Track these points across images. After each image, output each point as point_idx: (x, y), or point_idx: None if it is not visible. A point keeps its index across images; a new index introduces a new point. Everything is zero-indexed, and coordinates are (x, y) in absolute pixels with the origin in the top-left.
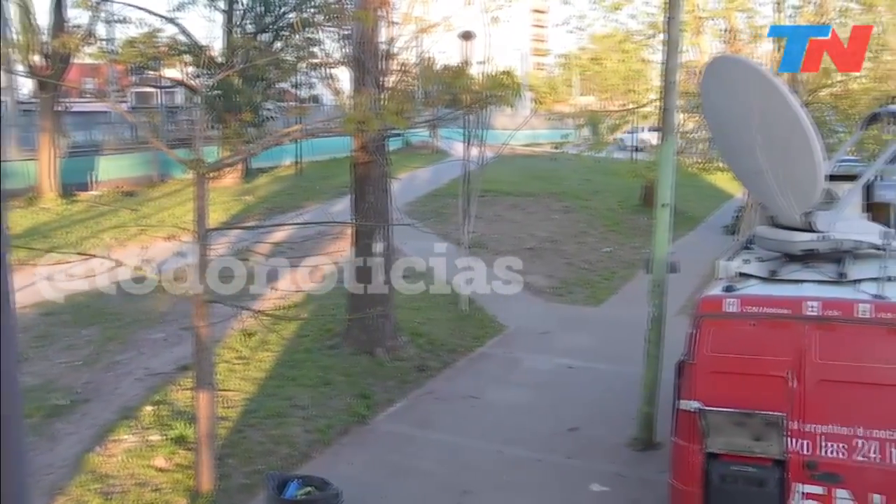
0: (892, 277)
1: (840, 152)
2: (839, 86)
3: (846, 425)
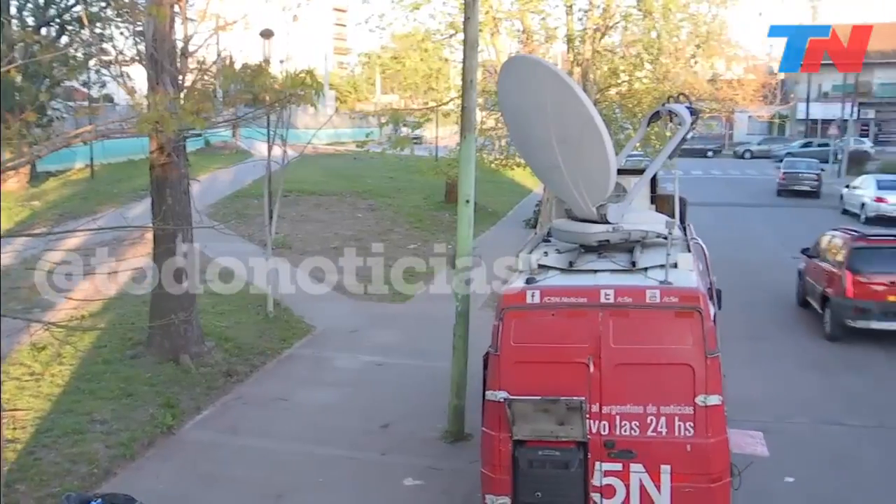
0: (676, 264)
1: (628, 147)
2: (625, 85)
3: (639, 404)
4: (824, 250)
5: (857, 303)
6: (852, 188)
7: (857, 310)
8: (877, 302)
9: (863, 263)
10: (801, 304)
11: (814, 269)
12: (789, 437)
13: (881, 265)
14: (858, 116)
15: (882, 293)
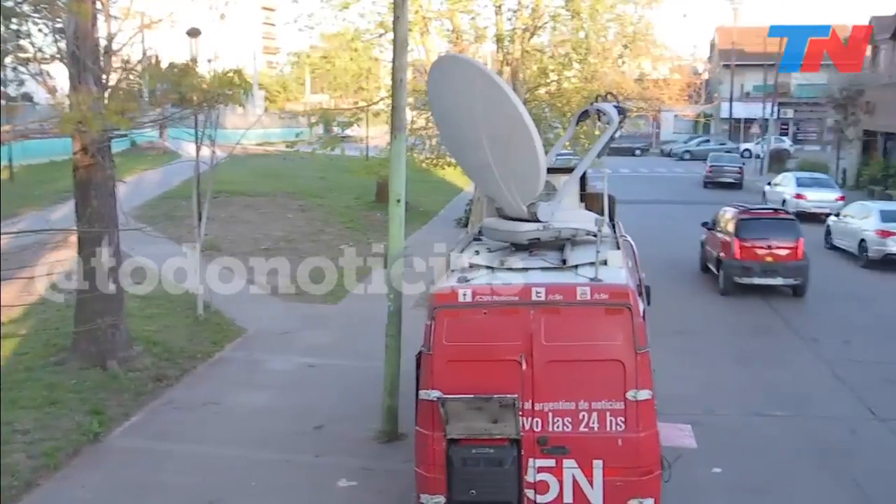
0: (606, 261)
1: (557, 146)
2: (554, 85)
3: (571, 400)
4: (719, 223)
5: (743, 263)
6: (774, 185)
7: (743, 269)
8: (758, 262)
9: (747, 232)
10: (702, 269)
11: (711, 239)
12: (716, 429)
13: (761, 233)
14: (778, 116)
15: (761, 255)
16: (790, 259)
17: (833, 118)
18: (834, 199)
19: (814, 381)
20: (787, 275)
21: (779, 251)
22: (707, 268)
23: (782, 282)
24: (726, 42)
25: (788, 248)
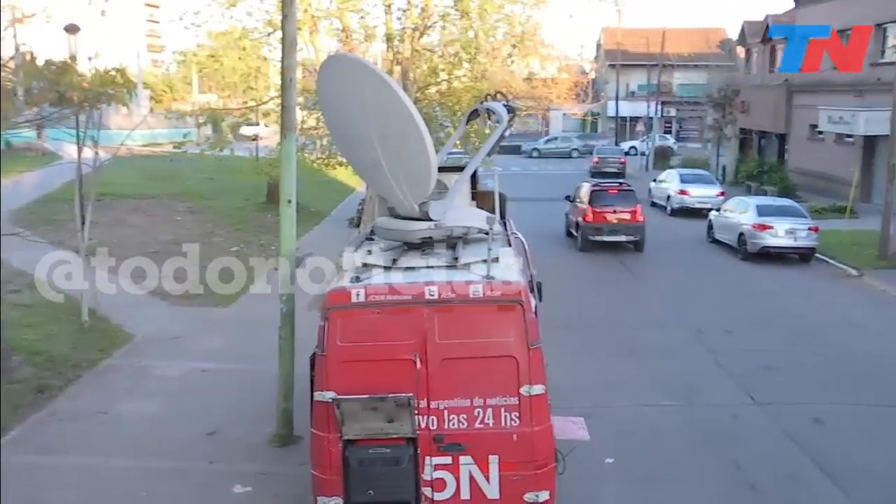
0: (497, 259)
1: (448, 145)
2: (444, 84)
3: (466, 398)
4: (578, 196)
5: (594, 225)
6: (659, 182)
7: (595, 229)
8: (606, 224)
9: (598, 201)
10: (567, 234)
11: (572, 209)
12: (608, 420)
13: (608, 202)
14: (662, 115)
15: (607, 218)
16: (630, 221)
17: (712, 117)
18: (715, 194)
19: (699, 371)
20: (628, 233)
21: (622, 215)
22: (570, 233)
23: (624, 238)
24: (611, 42)
25: (629, 212)
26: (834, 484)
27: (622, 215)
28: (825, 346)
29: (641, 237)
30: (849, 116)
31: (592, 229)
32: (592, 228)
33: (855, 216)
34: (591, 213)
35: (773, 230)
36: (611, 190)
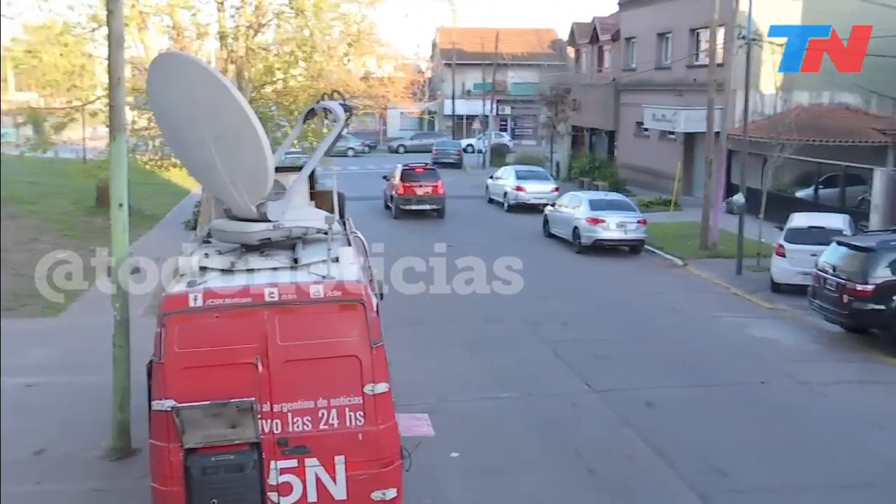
0: (338, 258)
1: (285, 145)
2: (281, 83)
3: (310, 399)
4: (393, 175)
5: (405, 197)
6: (496, 179)
7: (405, 200)
8: (413, 196)
9: (407, 178)
10: (385, 207)
11: (388, 185)
12: (452, 414)
13: (415, 179)
14: (498, 113)
15: (416, 192)
16: (433, 194)
17: (546, 115)
18: (550, 190)
19: (537, 362)
20: (431, 203)
21: (426, 189)
22: (387, 205)
23: (429, 207)
24: (447, 42)
25: (432, 187)
26: (665, 462)
27: (427, 189)
28: (654, 332)
29: (442, 206)
30: (671, 115)
31: (403, 200)
32: (403, 199)
33: (679, 209)
34: (402, 187)
35: (605, 224)
36: (417, 169)
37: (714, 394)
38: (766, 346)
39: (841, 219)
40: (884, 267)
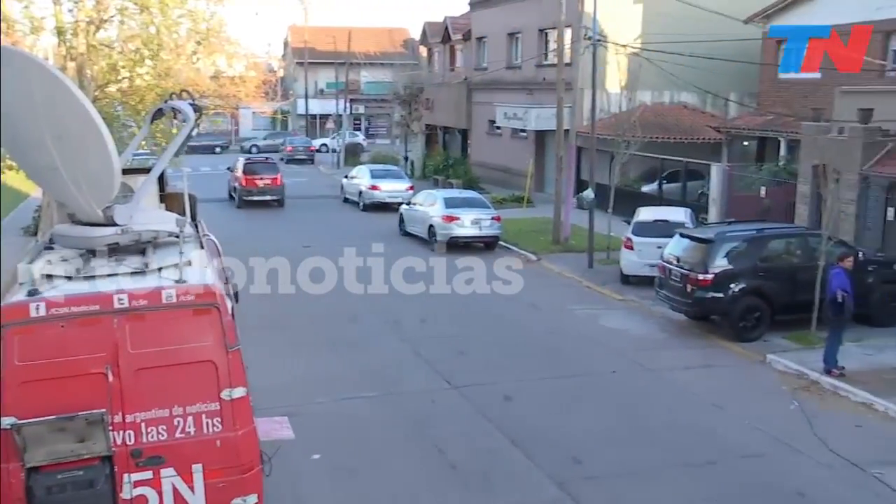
0: (190, 262)
1: (132, 146)
2: (126, 82)
3: (165, 407)
4: (236, 167)
5: (247, 189)
6: (351, 178)
7: (247, 192)
8: (255, 188)
9: (249, 171)
10: (229, 197)
11: (232, 177)
12: (313, 416)
13: (256, 171)
14: (351, 112)
15: (257, 183)
16: (273, 185)
17: (399, 114)
18: (405, 188)
19: (398, 360)
20: (272, 194)
21: (266, 181)
22: (231, 196)
23: (269, 198)
24: (299, 41)
25: (271, 179)
26: (523, 453)
27: (267, 181)
28: (510, 327)
29: (282, 196)
30: (522, 113)
31: (246, 191)
32: (246, 191)
33: (532, 205)
34: (245, 179)
35: (460, 221)
36: (259, 162)
37: (569, 384)
38: (617, 337)
39: (683, 212)
40: (722, 257)
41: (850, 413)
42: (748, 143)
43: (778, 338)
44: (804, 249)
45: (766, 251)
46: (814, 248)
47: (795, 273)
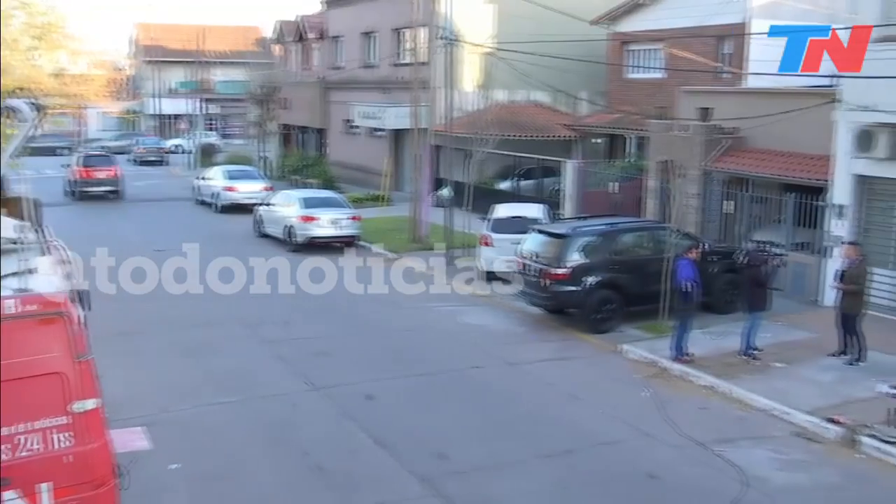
0: (33, 269)
1: None
2: None
3: (8, 425)
4: (73, 162)
5: (84, 181)
6: (206, 179)
7: (85, 183)
8: (93, 179)
9: (86, 163)
10: (64, 193)
11: (70, 171)
12: (171, 425)
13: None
14: (205, 112)
15: (93, 175)
16: (110, 178)
17: (255, 114)
18: (261, 189)
19: (258, 364)
20: (109, 185)
21: (104, 173)
22: (68, 191)
23: (107, 188)
24: (147, 38)
25: (108, 172)
26: (388, 452)
27: (105, 173)
28: (372, 326)
29: (119, 188)
30: (378, 112)
31: (84, 183)
32: (84, 182)
33: (390, 204)
34: (82, 172)
35: (319, 221)
36: (96, 156)
37: (431, 381)
38: (477, 332)
39: (538, 208)
40: (576, 251)
41: (696, 397)
42: (599, 141)
43: (631, 328)
44: (653, 242)
45: (617, 245)
46: (662, 241)
47: (646, 265)
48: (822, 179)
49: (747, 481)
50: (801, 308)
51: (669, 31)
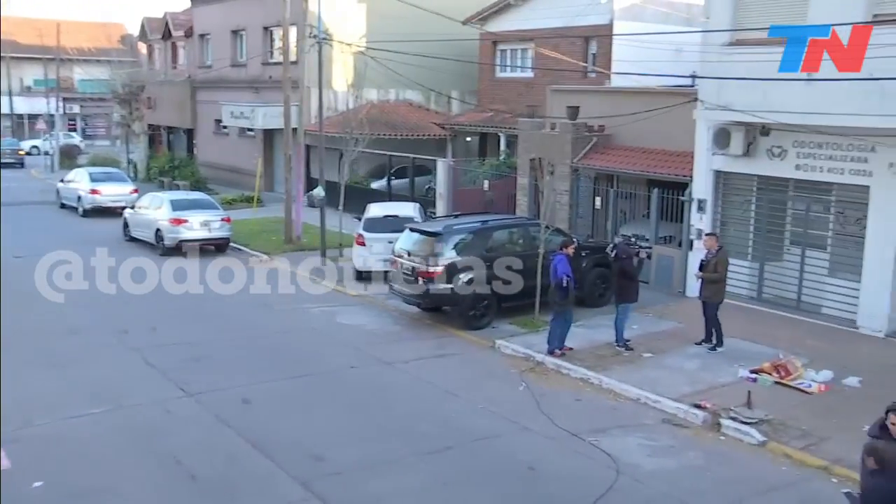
0: None
1: None
2: None
3: None
4: None
5: None
6: (68, 182)
7: None
8: None
9: None
10: None
11: None
12: (32, 441)
13: None
14: (65, 111)
15: None
16: None
17: (119, 113)
18: (128, 192)
19: (127, 372)
20: None
21: None
22: None
23: None
24: None
25: None
26: (265, 456)
27: None
28: (246, 329)
29: None
30: (249, 112)
31: None
32: None
33: (262, 205)
34: None
35: (189, 224)
36: None
37: (308, 383)
38: (353, 332)
39: (412, 207)
40: (450, 249)
41: (571, 389)
42: (471, 139)
43: (506, 324)
44: (526, 238)
45: (491, 242)
46: (534, 237)
47: (519, 261)
48: (685, 175)
49: (620, 468)
50: (667, 300)
51: (538, 31)
